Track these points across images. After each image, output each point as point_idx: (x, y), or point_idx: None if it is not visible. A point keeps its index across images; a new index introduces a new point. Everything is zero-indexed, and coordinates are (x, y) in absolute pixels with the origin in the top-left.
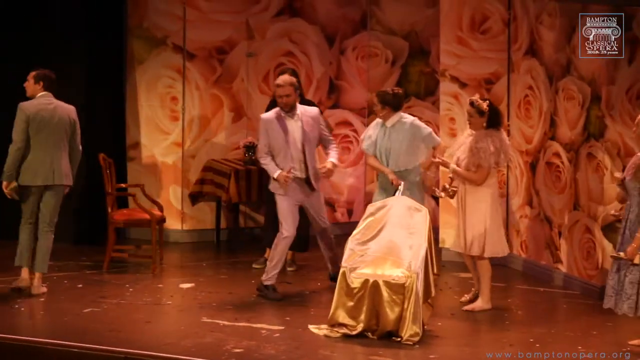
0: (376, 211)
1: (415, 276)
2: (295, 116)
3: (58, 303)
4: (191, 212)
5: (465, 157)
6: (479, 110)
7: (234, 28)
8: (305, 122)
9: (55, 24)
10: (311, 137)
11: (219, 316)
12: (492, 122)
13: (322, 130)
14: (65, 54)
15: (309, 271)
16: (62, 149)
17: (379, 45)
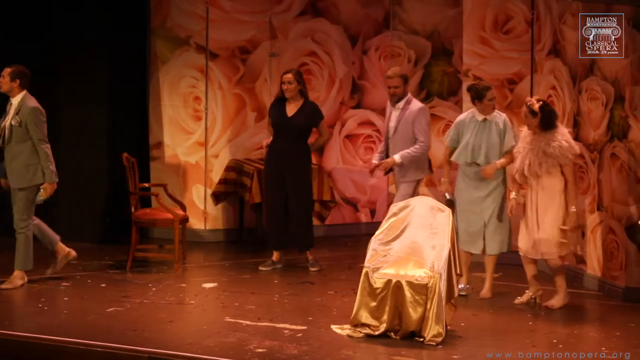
0: (399, 211)
1: (438, 276)
2: (398, 107)
3: (81, 302)
4: (214, 212)
5: (538, 161)
6: (531, 111)
7: (257, 28)
8: (404, 115)
9: (78, 23)
10: (403, 129)
11: (242, 316)
12: (545, 122)
13: (416, 129)
14: (89, 54)
15: (332, 271)
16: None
17: (402, 45)
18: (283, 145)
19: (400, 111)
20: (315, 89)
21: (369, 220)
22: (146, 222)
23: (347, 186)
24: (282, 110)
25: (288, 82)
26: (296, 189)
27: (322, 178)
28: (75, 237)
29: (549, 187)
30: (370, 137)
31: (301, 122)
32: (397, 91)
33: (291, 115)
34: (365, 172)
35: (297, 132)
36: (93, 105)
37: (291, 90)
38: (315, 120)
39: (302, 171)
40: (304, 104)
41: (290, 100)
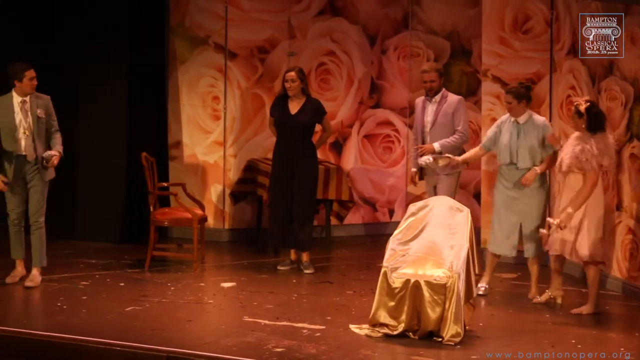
0: (417, 211)
1: (457, 276)
2: (435, 100)
3: (100, 301)
4: (233, 211)
5: (568, 160)
6: (577, 111)
7: (276, 27)
8: (442, 108)
9: (96, 23)
10: (442, 121)
11: (260, 315)
12: (592, 124)
13: (456, 119)
14: (107, 54)
15: (350, 271)
16: None
17: (421, 45)
18: (288, 143)
19: (437, 105)
20: (334, 89)
21: (388, 220)
22: (165, 221)
23: (366, 186)
24: (285, 108)
25: (291, 80)
26: (301, 187)
27: (341, 178)
28: (94, 236)
29: (574, 187)
30: (389, 137)
31: (305, 119)
32: (434, 85)
33: (294, 112)
34: (383, 171)
35: (302, 129)
36: (111, 105)
37: (294, 89)
38: (319, 117)
39: (308, 169)
40: (306, 102)
41: (293, 98)
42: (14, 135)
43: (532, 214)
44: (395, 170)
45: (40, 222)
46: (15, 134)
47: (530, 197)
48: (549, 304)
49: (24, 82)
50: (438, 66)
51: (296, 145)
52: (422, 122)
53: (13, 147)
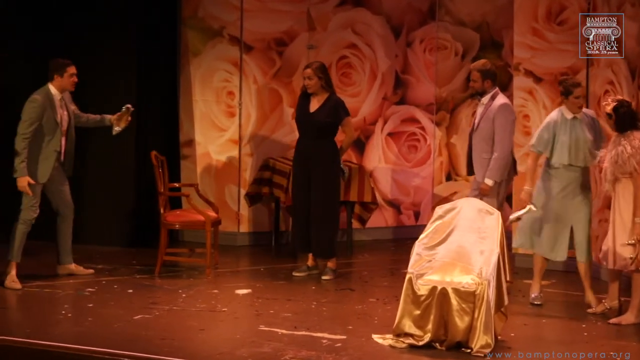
0: (445, 214)
1: (487, 283)
2: (482, 102)
3: (107, 309)
4: (248, 214)
5: (611, 168)
6: (606, 112)
7: (294, 18)
8: (486, 112)
9: (103, 13)
10: (483, 126)
11: (277, 324)
12: (620, 124)
13: (495, 129)
14: (115, 46)
15: (373, 277)
16: None
17: (448, 37)
18: (306, 143)
19: (483, 107)
20: (356, 84)
21: (413, 223)
22: (176, 224)
23: (390, 187)
24: (306, 106)
25: (308, 78)
26: (319, 190)
27: (363, 178)
28: (101, 240)
29: (624, 194)
30: (414, 134)
31: (321, 118)
32: (475, 85)
33: (313, 111)
34: (408, 171)
35: (318, 129)
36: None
37: (312, 86)
38: (337, 117)
39: (325, 172)
40: (327, 100)
41: (314, 96)
42: (55, 131)
43: (585, 216)
44: (421, 170)
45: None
46: (55, 130)
47: (583, 198)
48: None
49: (64, 77)
50: (484, 66)
51: (313, 145)
52: (474, 125)
53: (54, 144)
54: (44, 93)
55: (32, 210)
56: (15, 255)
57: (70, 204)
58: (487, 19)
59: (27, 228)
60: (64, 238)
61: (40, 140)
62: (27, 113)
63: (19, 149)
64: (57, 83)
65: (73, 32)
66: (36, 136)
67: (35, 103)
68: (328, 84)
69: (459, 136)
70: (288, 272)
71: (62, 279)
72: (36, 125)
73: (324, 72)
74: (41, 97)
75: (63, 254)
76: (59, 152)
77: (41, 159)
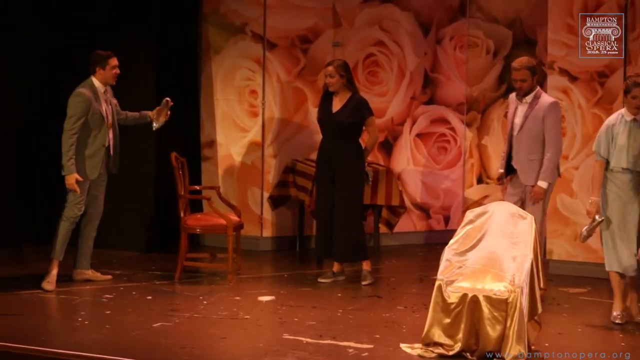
0: (476, 218)
1: (520, 291)
2: (526, 101)
3: (125, 316)
4: (271, 218)
5: None
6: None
7: (319, 15)
8: (532, 111)
9: (122, 10)
10: (530, 126)
11: (302, 333)
12: None
13: (546, 128)
14: (134, 43)
15: (401, 284)
16: None
17: (480, 35)
18: (328, 144)
19: (527, 106)
20: (383, 83)
21: (443, 227)
22: (197, 228)
23: (418, 190)
24: (328, 105)
25: (329, 76)
26: (342, 192)
27: (391, 181)
28: (119, 244)
29: None
30: (444, 135)
31: (344, 118)
32: (524, 85)
33: (335, 111)
34: (438, 174)
35: (340, 129)
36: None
37: (333, 84)
38: (360, 118)
39: (348, 173)
40: (350, 99)
41: (337, 95)
42: (101, 126)
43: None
44: (451, 172)
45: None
46: (102, 124)
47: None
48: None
49: (107, 69)
50: (530, 63)
51: (335, 146)
52: (512, 124)
53: (102, 139)
54: (88, 86)
55: (77, 208)
56: (57, 254)
57: (100, 208)
58: (520, 15)
59: (71, 226)
60: (85, 241)
61: (87, 135)
62: (73, 108)
63: (66, 146)
64: (99, 76)
65: (91, 31)
66: (82, 132)
67: (80, 97)
68: (350, 82)
69: (490, 137)
70: (313, 278)
71: (79, 284)
72: (83, 121)
73: (346, 70)
74: (86, 90)
75: (81, 257)
76: (107, 147)
77: (88, 155)
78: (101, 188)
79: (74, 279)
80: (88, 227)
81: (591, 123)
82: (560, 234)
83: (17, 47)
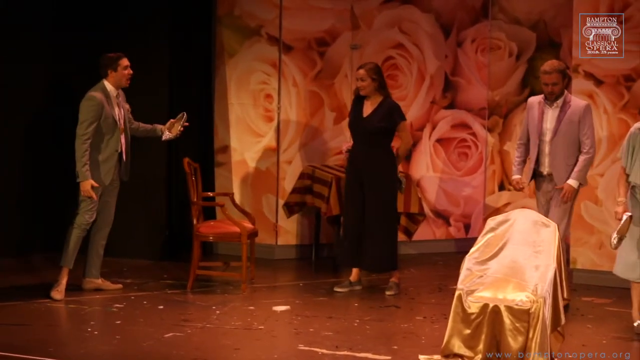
0: (497, 226)
1: (542, 301)
2: (556, 105)
3: (136, 326)
4: (287, 225)
5: None
6: None
7: (337, 16)
8: (566, 115)
9: (135, 12)
10: (565, 130)
11: (318, 344)
12: None
13: (582, 130)
14: (146, 46)
15: (420, 294)
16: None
17: (502, 37)
18: (359, 149)
19: (559, 110)
20: (403, 86)
21: (463, 236)
22: (210, 236)
23: (438, 197)
24: (359, 109)
25: (361, 79)
26: (372, 201)
27: (410, 188)
28: (130, 252)
29: None
30: (465, 141)
31: (373, 123)
32: (556, 89)
33: (366, 115)
34: (458, 180)
35: (370, 134)
36: (151, 104)
37: (365, 88)
38: (390, 122)
39: (379, 180)
40: (380, 103)
41: (368, 99)
42: (114, 130)
43: None
44: (471, 179)
45: None
46: (115, 129)
47: None
48: None
49: (118, 71)
50: (561, 66)
51: (365, 152)
52: (540, 129)
53: (114, 144)
54: (100, 90)
55: (89, 215)
56: (67, 261)
57: (111, 215)
58: (544, 17)
59: (82, 233)
60: (95, 249)
61: (100, 140)
62: (85, 112)
63: (80, 152)
64: (112, 79)
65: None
66: (95, 136)
67: (92, 101)
68: (382, 86)
69: (512, 143)
70: (329, 287)
71: (88, 293)
72: (95, 125)
73: (378, 74)
74: (98, 94)
75: (91, 266)
76: (119, 152)
77: (102, 160)
78: (113, 195)
79: (83, 288)
80: (98, 235)
81: (617, 128)
82: (585, 242)
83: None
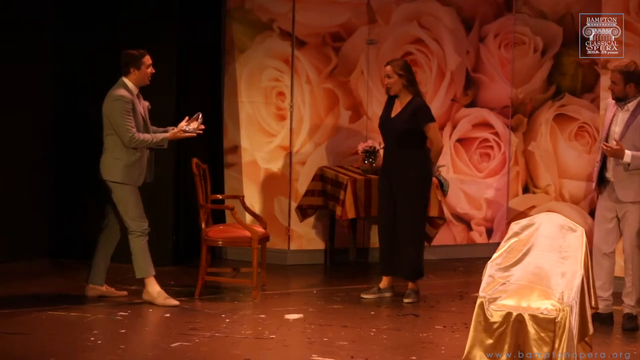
0: (521, 230)
1: (569, 310)
2: (627, 108)
3: (141, 335)
4: (300, 229)
5: None
6: None
7: (353, 10)
8: (635, 120)
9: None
10: (632, 136)
11: (332, 353)
12: None
13: None
14: (153, 41)
15: (440, 301)
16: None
17: (527, 31)
18: (389, 152)
19: (629, 114)
20: (422, 83)
21: (485, 241)
22: (219, 240)
23: (459, 200)
24: (389, 109)
25: (387, 76)
26: (401, 204)
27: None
28: None
29: None
30: (487, 141)
31: (399, 124)
32: (615, 89)
33: (394, 115)
34: (480, 182)
35: (396, 136)
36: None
37: (392, 85)
38: (417, 123)
39: (408, 184)
40: (409, 103)
41: (398, 98)
42: (142, 128)
43: None
44: (494, 181)
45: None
46: (145, 127)
47: None
48: None
49: (142, 69)
50: (627, 67)
51: (394, 154)
52: (608, 131)
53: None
54: (123, 88)
55: (142, 218)
56: (147, 271)
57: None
58: (571, 11)
59: (145, 238)
60: (102, 257)
61: None
62: (118, 113)
63: (146, 141)
64: (133, 76)
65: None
66: None
67: (123, 99)
68: (411, 84)
69: (537, 143)
70: (344, 294)
71: (92, 301)
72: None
73: (406, 70)
74: (123, 91)
75: (96, 272)
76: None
77: (135, 160)
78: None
79: (86, 295)
80: (107, 242)
81: None
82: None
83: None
